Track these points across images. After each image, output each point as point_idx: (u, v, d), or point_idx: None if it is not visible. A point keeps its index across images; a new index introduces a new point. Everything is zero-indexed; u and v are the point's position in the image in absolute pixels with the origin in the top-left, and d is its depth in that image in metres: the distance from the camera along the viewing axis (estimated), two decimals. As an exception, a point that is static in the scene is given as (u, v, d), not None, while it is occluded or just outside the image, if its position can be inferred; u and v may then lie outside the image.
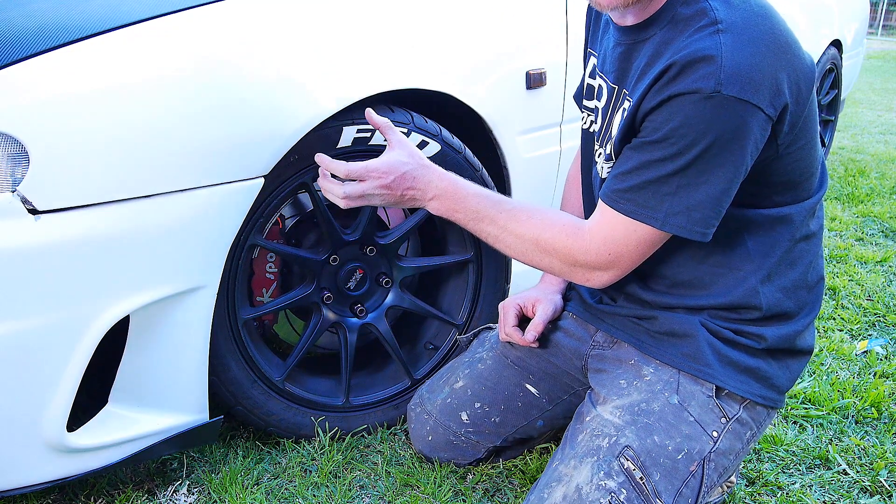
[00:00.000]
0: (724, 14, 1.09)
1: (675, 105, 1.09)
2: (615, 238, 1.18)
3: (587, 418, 1.29)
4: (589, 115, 1.37)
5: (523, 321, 1.51)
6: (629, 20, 1.20)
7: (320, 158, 1.30)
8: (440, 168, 1.29)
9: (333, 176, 1.30)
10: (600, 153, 1.29)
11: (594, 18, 1.39)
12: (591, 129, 1.36)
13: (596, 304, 1.41)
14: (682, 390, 1.25)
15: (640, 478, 1.18)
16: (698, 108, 1.06)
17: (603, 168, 1.30)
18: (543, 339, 1.49)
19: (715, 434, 1.23)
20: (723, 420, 1.24)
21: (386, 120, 1.32)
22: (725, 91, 1.05)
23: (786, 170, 1.19)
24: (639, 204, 1.14)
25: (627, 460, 1.19)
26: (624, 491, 1.17)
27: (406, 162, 1.26)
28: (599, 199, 1.21)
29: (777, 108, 1.09)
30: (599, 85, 1.30)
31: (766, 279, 1.23)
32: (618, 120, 1.22)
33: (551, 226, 1.24)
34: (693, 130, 1.08)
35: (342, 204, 1.28)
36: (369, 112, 1.31)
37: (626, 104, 1.19)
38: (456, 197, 1.26)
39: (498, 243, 1.28)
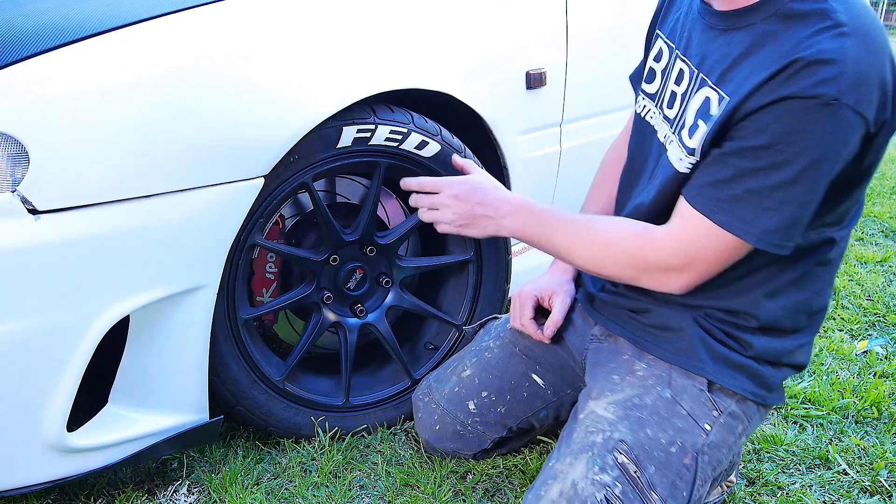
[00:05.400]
0: (846, 17, 1.02)
1: (786, 108, 1.00)
2: (696, 241, 1.13)
3: (581, 416, 1.30)
4: (644, 99, 1.32)
5: (537, 311, 1.49)
6: (721, 5, 1.14)
7: (405, 182, 1.35)
8: (508, 191, 1.32)
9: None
10: (672, 140, 1.22)
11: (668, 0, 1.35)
12: (645, 115, 1.32)
13: (598, 293, 1.40)
14: (674, 384, 1.25)
15: (635, 471, 1.19)
16: (814, 115, 0.99)
17: (682, 159, 1.19)
18: None
19: (707, 427, 1.23)
20: (715, 413, 1.24)
21: (468, 160, 1.41)
22: (845, 100, 0.98)
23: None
24: (736, 216, 1.08)
25: (621, 454, 1.20)
26: (619, 485, 1.18)
27: (479, 180, 1.31)
28: (685, 202, 1.14)
29: (878, 123, 1.03)
30: (681, 69, 1.23)
31: (770, 295, 1.21)
32: (695, 106, 1.16)
33: (622, 229, 1.22)
34: (803, 139, 1.00)
35: (424, 217, 1.33)
36: (455, 157, 1.41)
37: (712, 93, 1.13)
38: (531, 211, 1.27)
39: (570, 254, 1.25)
